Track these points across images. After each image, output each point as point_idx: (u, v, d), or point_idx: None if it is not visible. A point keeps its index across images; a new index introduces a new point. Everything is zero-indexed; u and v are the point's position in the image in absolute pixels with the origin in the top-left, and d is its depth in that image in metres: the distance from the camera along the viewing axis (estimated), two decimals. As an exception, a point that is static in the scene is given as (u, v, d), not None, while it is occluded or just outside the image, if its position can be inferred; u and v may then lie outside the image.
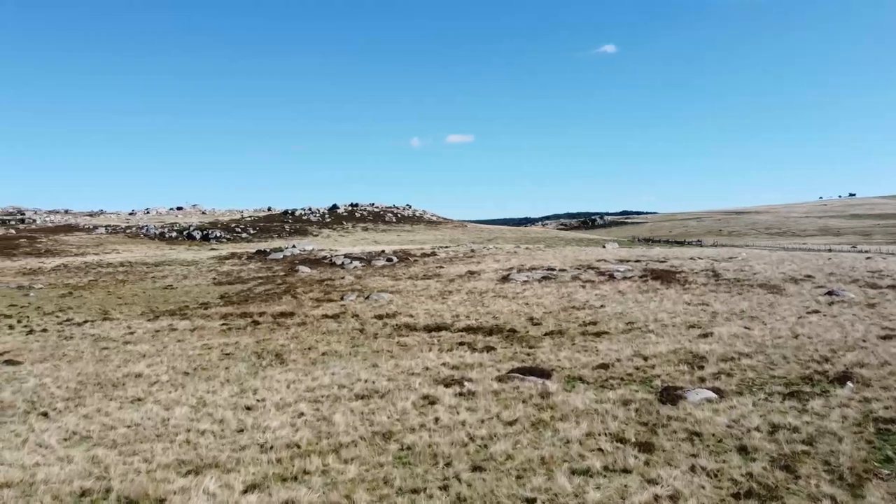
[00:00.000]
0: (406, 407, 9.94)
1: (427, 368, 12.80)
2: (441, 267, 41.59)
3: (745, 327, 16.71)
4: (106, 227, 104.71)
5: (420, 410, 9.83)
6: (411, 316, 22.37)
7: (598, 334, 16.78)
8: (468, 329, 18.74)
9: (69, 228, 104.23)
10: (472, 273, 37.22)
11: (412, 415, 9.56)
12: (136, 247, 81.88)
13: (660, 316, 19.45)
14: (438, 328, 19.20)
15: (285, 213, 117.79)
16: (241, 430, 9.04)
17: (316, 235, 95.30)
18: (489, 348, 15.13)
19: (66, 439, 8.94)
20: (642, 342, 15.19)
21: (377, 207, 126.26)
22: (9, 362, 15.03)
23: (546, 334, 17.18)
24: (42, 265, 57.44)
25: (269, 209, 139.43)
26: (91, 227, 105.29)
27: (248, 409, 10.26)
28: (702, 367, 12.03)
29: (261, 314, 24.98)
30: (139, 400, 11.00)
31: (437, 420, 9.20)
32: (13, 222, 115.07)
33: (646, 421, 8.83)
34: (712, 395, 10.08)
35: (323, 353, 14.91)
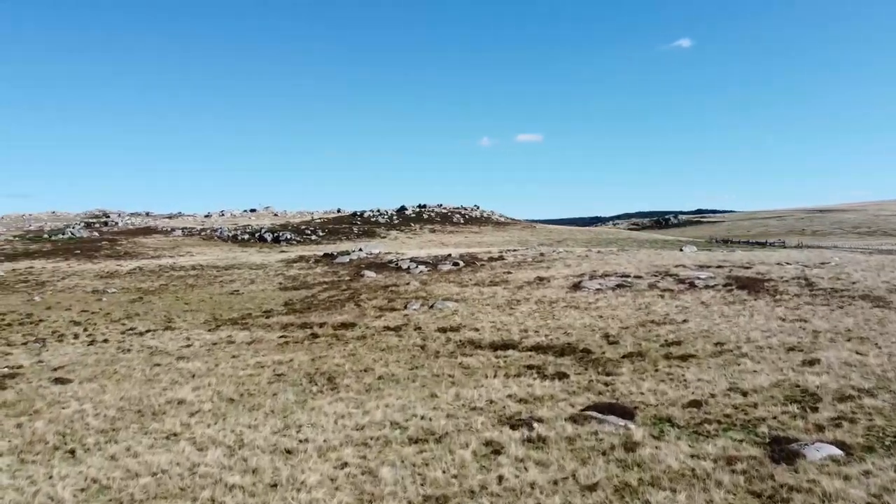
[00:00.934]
0: (465, 458, 8.57)
1: (491, 402, 11.42)
2: (509, 272, 40.06)
3: (857, 352, 14.55)
4: (182, 229, 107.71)
5: (481, 463, 8.46)
6: (476, 330, 20.99)
7: (683, 358, 14.96)
8: (538, 348, 17.21)
9: (148, 231, 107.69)
10: (541, 279, 35.54)
11: (472, 469, 8.20)
12: (209, 249, 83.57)
13: (752, 335, 17.40)
14: (505, 346, 17.74)
15: (354, 214, 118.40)
16: (275, 486, 7.89)
17: (384, 237, 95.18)
18: (561, 375, 13.58)
19: (83, 490, 8.04)
20: (737, 370, 13.31)
21: (445, 208, 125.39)
22: (59, 381, 14.50)
23: (624, 356, 15.47)
24: (119, 268, 58.98)
25: (339, 211, 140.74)
26: (169, 229, 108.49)
27: (288, 453, 9.14)
28: (815, 409, 10.17)
29: (321, 325, 24.12)
30: (174, 435, 10.08)
31: (500, 479, 7.81)
32: (97, 225, 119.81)
33: (759, 491, 7.18)
34: (836, 451, 8.28)
35: (379, 377, 13.74)
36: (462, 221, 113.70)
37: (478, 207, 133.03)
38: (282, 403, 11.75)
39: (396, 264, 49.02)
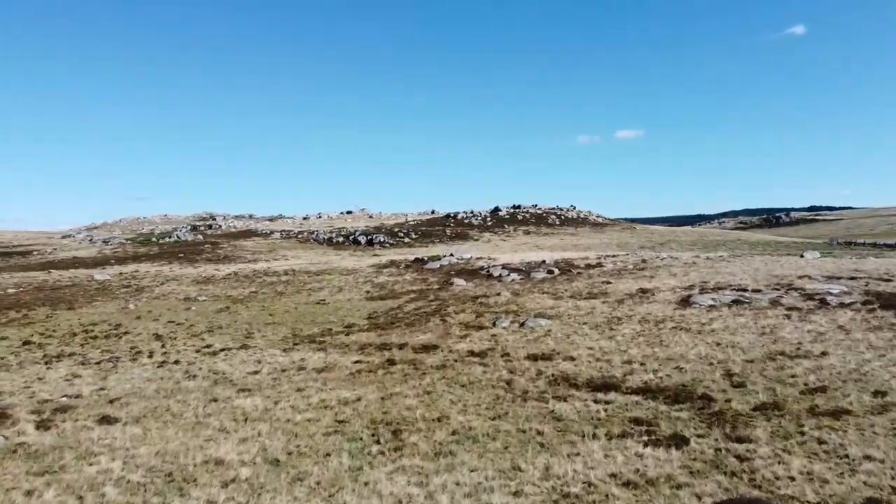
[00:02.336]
0: None
1: (590, 485, 9.01)
2: (608, 282, 36.93)
3: None
4: (281, 232, 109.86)
5: None
6: (572, 359, 18.41)
7: (835, 415, 11.89)
8: (645, 390, 14.48)
9: (248, 233, 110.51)
10: (644, 292, 32.30)
11: None
12: (305, 253, 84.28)
13: (919, 379, 13.96)
14: (606, 385, 15.10)
15: (447, 216, 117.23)
16: None
17: (476, 240, 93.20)
18: (678, 439, 10.90)
19: None
20: (915, 439, 10.19)
21: (539, 209, 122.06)
22: (106, 420, 13.23)
23: (757, 408, 12.53)
24: (216, 273, 59.85)
25: (433, 212, 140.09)
26: (268, 232, 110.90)
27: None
28: None
29: (401, 346, 22.21)
30: (196, 518, 8.39)
31: None
32: (202, 227, 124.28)
33: None
34: None
35: (453, 432, 11.55)
36: (557, 223, 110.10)
37: (574, 207, 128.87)
38: (333, 471, 9.81)
39: (487, 271, 46.78)
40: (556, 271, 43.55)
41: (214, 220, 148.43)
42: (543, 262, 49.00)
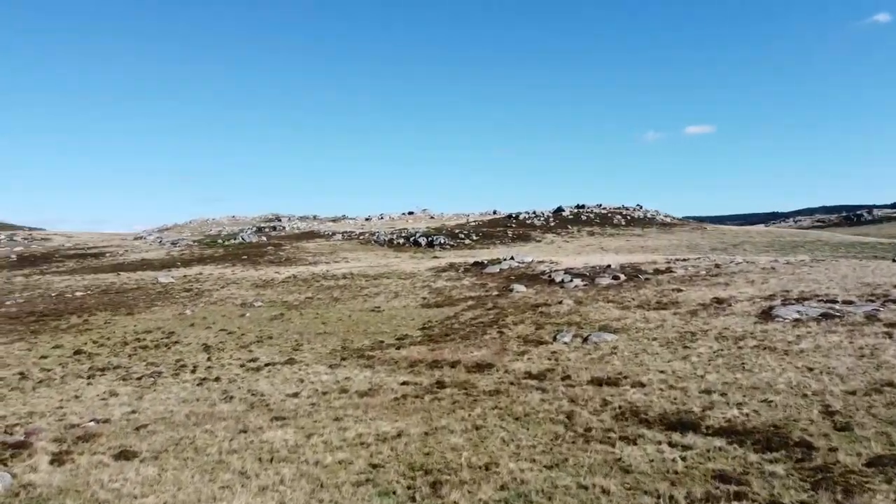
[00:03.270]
0: None
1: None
2: (679, 290, 34.43)
3: None
4: (342, 233, 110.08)
5: None
6: (641, 385, 16.44)
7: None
8: (730, 431, 12.43)
9: (311, 235, 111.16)
10: (719, 302, 29.77)
11: None
12: (365, 254, 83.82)
13: None
14: (682, 423, 13.11)
15: (509, 216, 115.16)
16: None
17: (539, 241, 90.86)
18: (777, 507, 8.92)
19: None
20: None
21: (604, 209, 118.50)
22: (123, 454, 12.17)
23: (871, 463, 10.37)
24: (276, 276, 59.75)
25: (495, 212, 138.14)
26: (330, 233, 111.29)
27: None
28: None
29: (453, 364, 20.64)
30: None
31: None
32: (267, 229, 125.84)
33: None
34: None
35: (501, 488, 9.87)
36: (623, 223, 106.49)
37: (640, 207, 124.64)
38: (356, 542, 8.34)
39: (549, 276, 44.75)
40: (623, 277, 41.19)
41: (280, 220, 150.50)
42: (608, 266, 46.60)
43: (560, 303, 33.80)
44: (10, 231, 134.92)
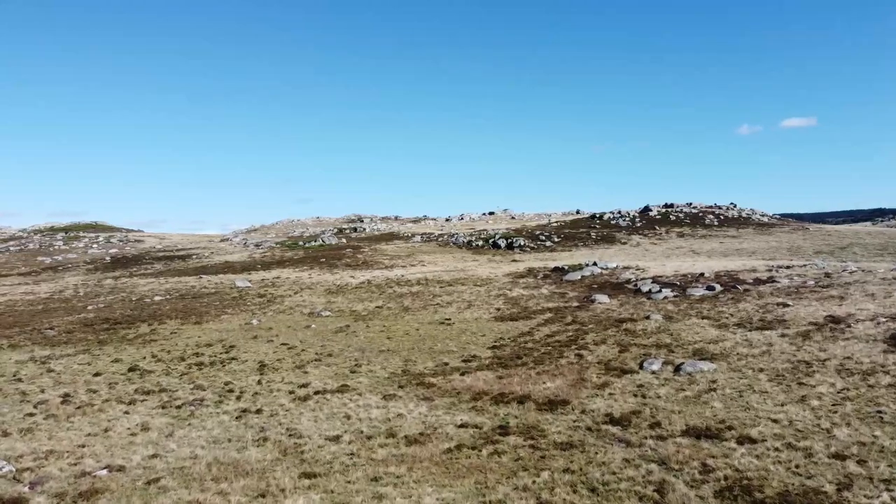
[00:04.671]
0: None
1: None
2: (784, 304, 30.42)
3: None
4: (421, 235, 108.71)
5: None
6: (751, 441, 13.34)
7: None
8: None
9: (391, 237, 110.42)
10: (835, 321, 25.84)
11: None
12: (442, 257, 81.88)
13: None
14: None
15: (592, 217, 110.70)
16: None
17: (624, 243, 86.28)
18: None
19: None
20: None
21: (695, 208, 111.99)
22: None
23: None
24: (351, 280, 58.53)
25: (577, 212, 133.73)
26: (409, 234, 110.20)
27: None
28: None
29: (522, 399, 18.01)
30: None
31: None
32: (347, 230, 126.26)
33: None
34: None
35: None
36: (716, 223, 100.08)
37: (734, 205, 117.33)
38: None
39: (635, 285, 41.24)
40: (718, 287, 37.22)
41: (362, 221, 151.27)
42: (701, 274, 42.55)
43: (647, 318, 30.52)
44: (109, 232, 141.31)
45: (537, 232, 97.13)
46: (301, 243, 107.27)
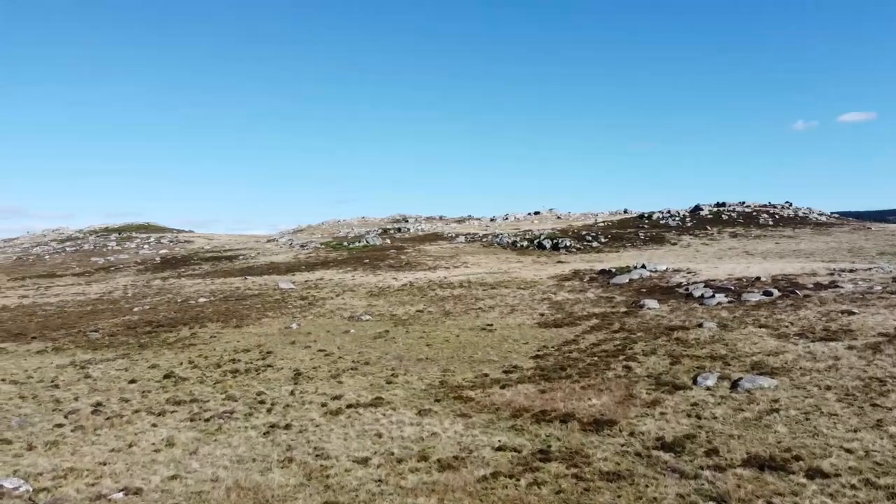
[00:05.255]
0: None
1: None
2: (850, 312, 28.42)
3: None
4: (466, 235, 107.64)
5: None
6: (822, 475, 11.94)
7: None
8: None
9: (434, 237, 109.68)
10: (909, 332, 23.84)
11: None
12: (486, 258, 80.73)
13: None
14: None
15: (641, 216, 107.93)
16: None
17: (674, 244, 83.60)
18: None
19: None
20: None
21: (748, 207, 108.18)
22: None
23: None
24: (393, 282, 57.96)
25: (625, 211, 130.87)
26: (453, 235, 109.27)
27: None
28: None
29: (566, 418, 16.83)
30: None
31: None
32: (392, 231, 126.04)
33: None
34: None
35: None
36: (770, 223, 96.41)
37: (790, 204, 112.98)
38: None
39: (686, 290, 39.44)
40: (776, 292, 35.21)
41: (406, 221, 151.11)
42: (758, 278, 40.46)
43: (700, 326, 28.89)
44: (160, 233, 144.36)
45: (583, 232, 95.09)
46: (346, 244, 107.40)
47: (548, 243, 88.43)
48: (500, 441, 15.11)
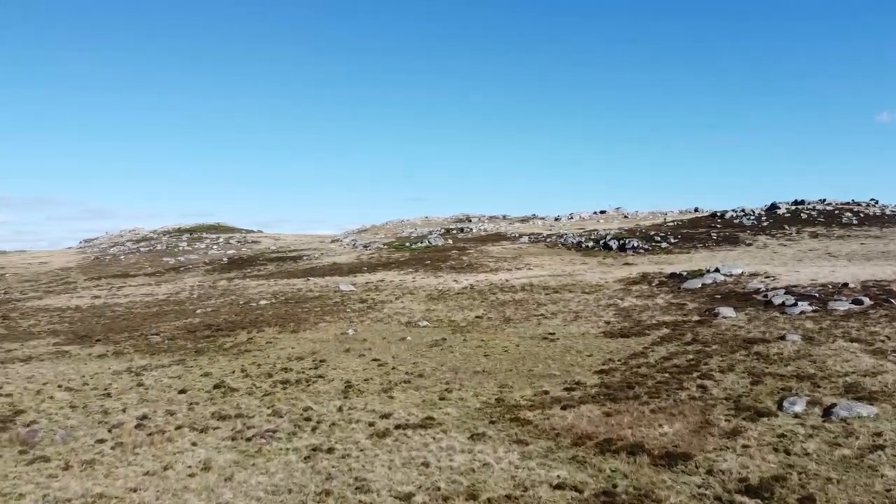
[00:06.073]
0: None
1: None
2: (957, 326, 25.48)
3: None
4: (529, 235, 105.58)
5: None
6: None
7: None
8: None
9: (497, 237, 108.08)
10: None
11: None
12: (550, 259, 78.66)
13: None
14: None
15: (713, 215, 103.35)
16: None
17: (749, 244, 79.34)
18: None
19: None
20: None
21: (829, 205, 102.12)
22: None
23: None
24: (454, 285, 56.82)
25: (696, 210, 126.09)
26: (516, 235, 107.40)
27: None
28: None
29: (633, 449, 15.14)
30: None
31: None
32: (454, 231, 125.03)
33: None
34: None
35: None
36: (854, 222, 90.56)
37: (875, 202, 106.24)
38: None
39: (765, 296, 36.69)
40: (867, 301, 32.18)
41: (469, 221, 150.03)
42: (845, 284, 37.30)
43: (782, 339, 26.50)
44: (229, 234, 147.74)
45: (652, 232, 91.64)
46: (408, 244, 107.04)
47: (614, 244, 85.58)
48: (558, 476, 13.57)
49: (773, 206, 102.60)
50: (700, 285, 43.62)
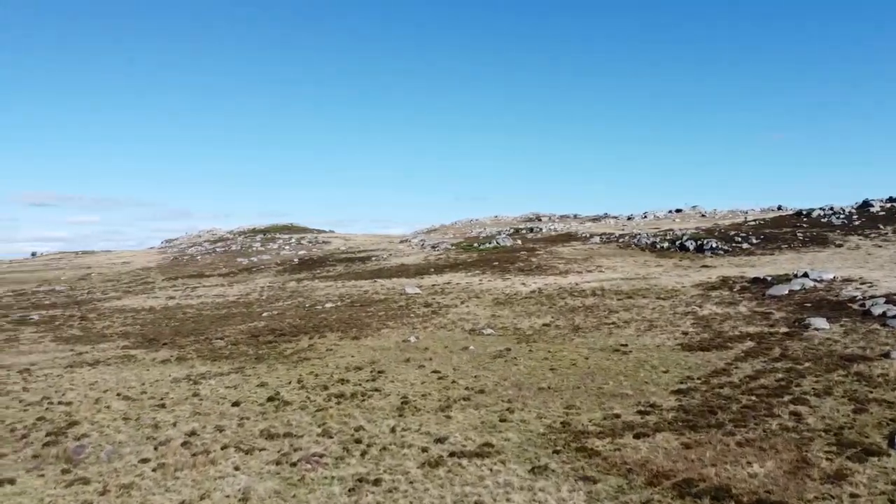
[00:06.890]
0: None
1: None
2: None
3: None
4: (601, 235, 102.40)
5: None
6: None
7: None
8: None
9: (567, 238, 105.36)
10: None
11: None
12: (622, 261, 75.65)
13: None
14: None
15: (798, 214, 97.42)
16: None
17: (839, 245, 73.97)
18: None
19: None
20: None
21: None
22: None
23: None
24: (521, 288, 55.13)
25: (779, 208, 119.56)
26: (587, 235, 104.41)
27: None
28: None
29: (718, 495, 13.23)
30: None
31: None
32: (524, 231, 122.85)
33: None
34: None
35: None
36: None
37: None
38: None
39: (862, 305, 33.42)
40: None
41: (539, 220, 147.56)
42: (956, 294, 33.52)
43: (886, 356, 23.75)
44: (301, 234, 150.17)
45: (731, 232, 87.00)
46: (476, 245, 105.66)
47: (691, 244, 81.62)
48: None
49: (866, 204, 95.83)
50: (787, 292, 40.39)
